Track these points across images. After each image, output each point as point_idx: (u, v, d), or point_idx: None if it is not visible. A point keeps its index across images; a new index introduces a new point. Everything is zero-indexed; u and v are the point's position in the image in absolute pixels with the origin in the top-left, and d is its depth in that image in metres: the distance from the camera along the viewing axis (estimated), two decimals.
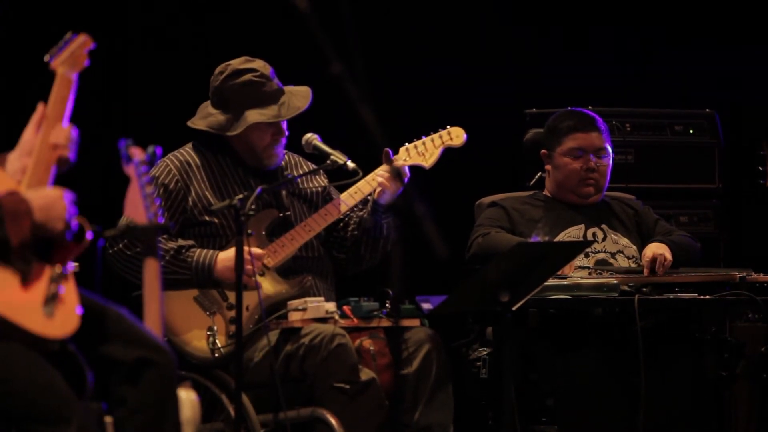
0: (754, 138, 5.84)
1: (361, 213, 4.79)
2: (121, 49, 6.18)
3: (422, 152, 4.81)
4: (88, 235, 3.27)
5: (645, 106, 6.26)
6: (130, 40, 6.25)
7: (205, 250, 4.60)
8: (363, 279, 4.89)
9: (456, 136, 4.85)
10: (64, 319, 3.17)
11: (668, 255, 4.93)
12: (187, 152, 4.78)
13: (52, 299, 3.16)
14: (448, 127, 4.86)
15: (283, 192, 4.77)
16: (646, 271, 4.90)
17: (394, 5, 6.64)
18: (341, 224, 4.84)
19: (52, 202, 3.18)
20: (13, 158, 3.34)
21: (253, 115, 4.66)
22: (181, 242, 4.61)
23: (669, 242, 5.06)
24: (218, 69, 4.76)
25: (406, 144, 4.82)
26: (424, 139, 4.84)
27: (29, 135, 3.33)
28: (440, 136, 4.84)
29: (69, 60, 3.32)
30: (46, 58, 3.33)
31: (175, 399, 3.37)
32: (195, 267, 4.57)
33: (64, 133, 3.29)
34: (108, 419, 3.38)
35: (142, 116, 6.05)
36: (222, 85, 4.72)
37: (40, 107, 3.34)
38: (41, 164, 3.26)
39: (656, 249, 4.95)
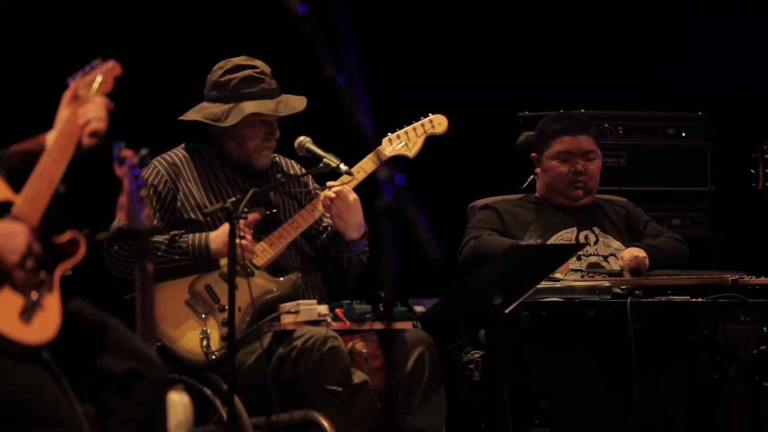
0: (746, 141, 5.87)
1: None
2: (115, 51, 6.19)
3: (405, 142, 4.81)
4: (82, 249, 3.27)
5: (638, 109, 6.28)
6: (123, 42, 6.25)
7: (197, 234, 4.61)
8: (355, 281, 4.89)
9: (438, 123, 4.84)
10: (42, 325, 3.17)
11: (642, 255, 4.97)
12: (176, 153, 4.80)
13: (32, 306, 3.16)
14: (430, 114, 4.85)
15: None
16: (626, 274, 4.92)
17: (388, 7, 6.65)
18: (320, 227, 4.85)
19: (9, 234, 3.16)
20: (51, 138, 3.33)
21: (251, 106, 4.67)
22: (172, 232, 4.62)
23: (647, 246, 5.09)
24: (217, 65, 4.78)
25: (389, 134, 4.81)
26: (406, 128, 4.83)
27: (64, 113, 3.33)
28: (422, 125, 4.84)
29: (92, 84, 3.33)
30: (69, 79, 3.35)
31: (164, 412, 3.38)
32: (192, 250, 4.58)
33: (95, 105, 3.30)
34: None
35: (134, 119, 6.05)
36: (221, 78, 4.74)
37: (72, 84, 3.35)
38: (63, 138, 3.26)
39: (632, 252, 5.00)
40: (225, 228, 4.45)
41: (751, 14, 7.01)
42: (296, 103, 4.74)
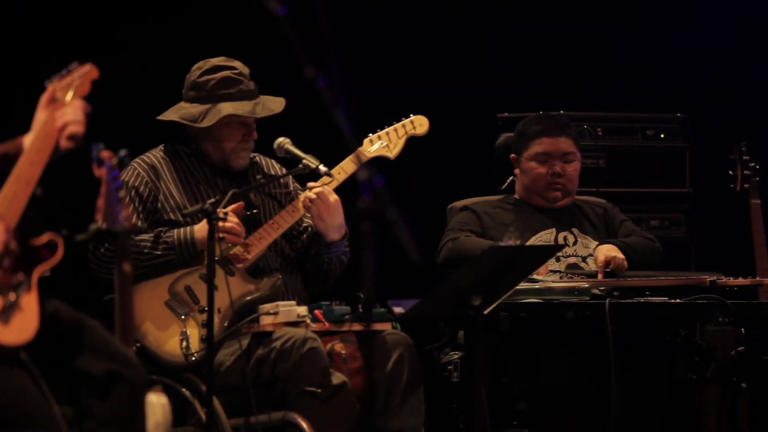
0: (725, 142, 5.90)
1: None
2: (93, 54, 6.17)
3: (386, 143, 4.81)
4: (60, 251, 3.27)
5: (617, 110, 6.31)
6: (101, 45, 6.24)
7: (181, 228, 4.62)
8: (335, 283, 4.89)
9: (419, 124, 4.84)
10: (20, 326, 3.17)
11: (621, 255, 4.97)
12: (154, 155, 4.80)
13: (10, 307, 3.16)
14: (411, 115, 4.85)
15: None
16: (600, 275, 4.93)
17: (368, 7, 6.65)
18: (300, 227, 4.86)
19: None
20: (28, 140, 3.32)
21: (227, 108, 4.68)
22: (157, 230, 4.63)
23: (619, 243, 5.09)
24: (196, 65, 4.78)
25: (370, 135, 4.81)
26: (387, 129, 4.83)
27: (41, 116, 3.33)
28: (404, 126, 4.84)
29: (70, 87, 3.33)
30: (47, 82, 3.35)
31: (143, 413, 3.38)
32: (177, 244, 4.58)
33: (72, 108, 3.30)
34: None
35: (113, 120, 6.04)
36: (199, 78, 4.74)
37: (49, 86, 3.35)
38: (40, 141, 3.27)
39: (607, 252, 4.99)
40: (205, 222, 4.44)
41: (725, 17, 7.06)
42: (274, 104, 4.74)
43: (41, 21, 6.12)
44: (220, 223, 4.41)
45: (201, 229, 4.57)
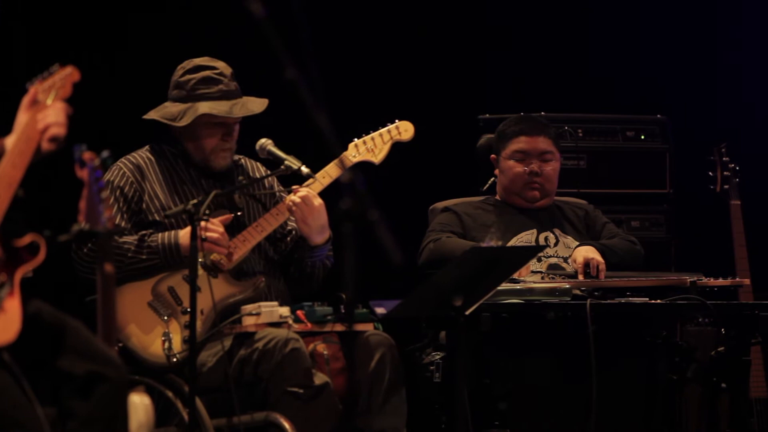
0: (704, 144, 5.92)
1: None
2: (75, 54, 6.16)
3: (371, 148, 4.81)
4: (42, 252, 3.27)
5: (597, 111, 6.31)
6: (83, 43, 6.24)
7: (166, 232, 4.62)
8: (319, 286, 4.89)
9: (405, 130, 4.85)
10: (2, 328, 3.17)
11: (599, 257, 4.97)
12: (140, 155, 4.80)
13: None
14: (396, 121, 4.86)
15: (236, 193, 4.79)
16: (580, 276, 4.94)
17: (350, 10, 6.64)
18: (285, 230, 4.86)
19: None
20: (10, 142, 3.33)
21: (204, 107, 4.68)
22: (141, 233, 4.63)
23: (598, 244, 5.10)
24: (180, 65, 4.79)
25: (355, 139, 4.81)
26: (372, 134, 4.83)
27: (23, 118, 3.34)
28: (389, 131, 4.84)
29: (51, 89, 3.33)
30: (28, 84, 3.35)
31: (125, 414, 3.38)
32: (162, 249, 4.58)
33: (54, 110, 3.30)
34: None
35: (97, 120, 6.04)
36: (181, 78, 4.75)
37: (31, 88, 3.35)
38: (22, 143, 3.27)
39: (585, 253, 5.00)
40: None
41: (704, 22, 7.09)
42: (254, 105, 4.74)
43: (24, 22, 6.11)
44: (207, 233, 4.43)
45: (185, 234, 4.56)
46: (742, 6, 7.03)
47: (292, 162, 4.66)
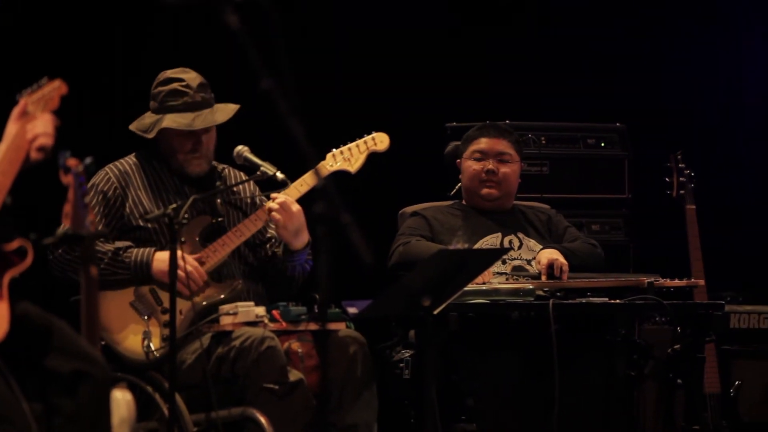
0: (661, 151, 6.01)
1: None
2: (66, 63, 6.15)
3: (348, 158, 4.84)
4: (30, 256, 3.33)
5: (559, 120, 6.34)
6: (73, 51, 6.25)
7: (141, 250, 4.63)
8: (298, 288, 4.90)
9: (380, 141, 4.89)
10: None
11: (562, 259, 4.99)
12: (127, 161, 4.84)
13: None
14: (372, 132, 4.90)
15: (218, 200, 4.82)
16: (543, 277, 4.95)
17: (321, 19, 6.68)
18: (264, 237, 4.90)
19: None
20: (0, 151, 3.37)
21: (167, 121, 4.71)
22: (118, 244, 4.65)
23: (561, 247, 5.12)
24: (157, 76, 4.83)
25: (333, 150, 4.85)
26: (349, 144, 4.86)
27: (12, 128, 3.38)
28: (365, 142, 4.87)
29: (40, 101, 3.39)
30: (18, 96, 3.40)
31: (108, 411, 3.41)
32: (133, 267, 4.60)
33: (43, 121, 3.35)
34: None
35: (83, 127, 6.01)
36: (154, 89, 4.80)
37: (21, 100, 3.40)
38: (11, 152, 3.32)
39: (549, 255, 5.02)
40: (167, 254, 4.41)
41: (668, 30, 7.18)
42: (219, 116, 4.73)
43: (13, 35, 6.11)
44: (187, 268, 4.47)
45: (159, 262, 4.57)
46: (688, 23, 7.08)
47: (267, 168, 4.71)
